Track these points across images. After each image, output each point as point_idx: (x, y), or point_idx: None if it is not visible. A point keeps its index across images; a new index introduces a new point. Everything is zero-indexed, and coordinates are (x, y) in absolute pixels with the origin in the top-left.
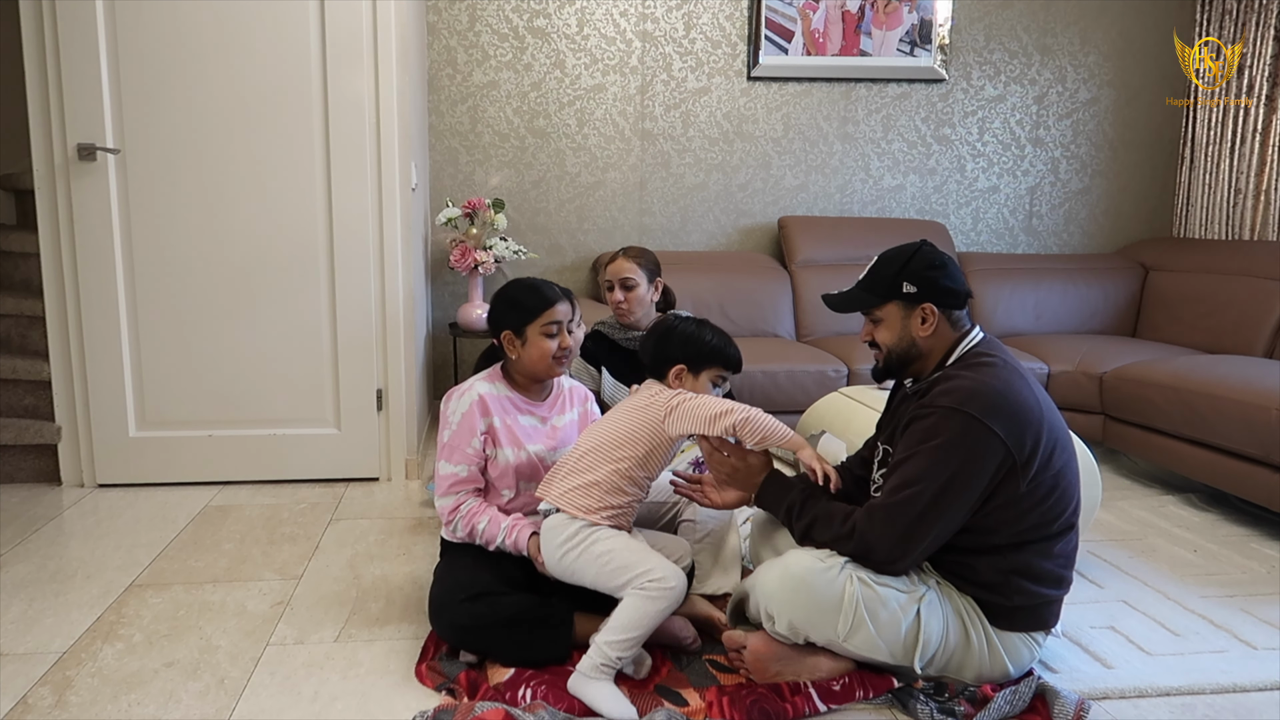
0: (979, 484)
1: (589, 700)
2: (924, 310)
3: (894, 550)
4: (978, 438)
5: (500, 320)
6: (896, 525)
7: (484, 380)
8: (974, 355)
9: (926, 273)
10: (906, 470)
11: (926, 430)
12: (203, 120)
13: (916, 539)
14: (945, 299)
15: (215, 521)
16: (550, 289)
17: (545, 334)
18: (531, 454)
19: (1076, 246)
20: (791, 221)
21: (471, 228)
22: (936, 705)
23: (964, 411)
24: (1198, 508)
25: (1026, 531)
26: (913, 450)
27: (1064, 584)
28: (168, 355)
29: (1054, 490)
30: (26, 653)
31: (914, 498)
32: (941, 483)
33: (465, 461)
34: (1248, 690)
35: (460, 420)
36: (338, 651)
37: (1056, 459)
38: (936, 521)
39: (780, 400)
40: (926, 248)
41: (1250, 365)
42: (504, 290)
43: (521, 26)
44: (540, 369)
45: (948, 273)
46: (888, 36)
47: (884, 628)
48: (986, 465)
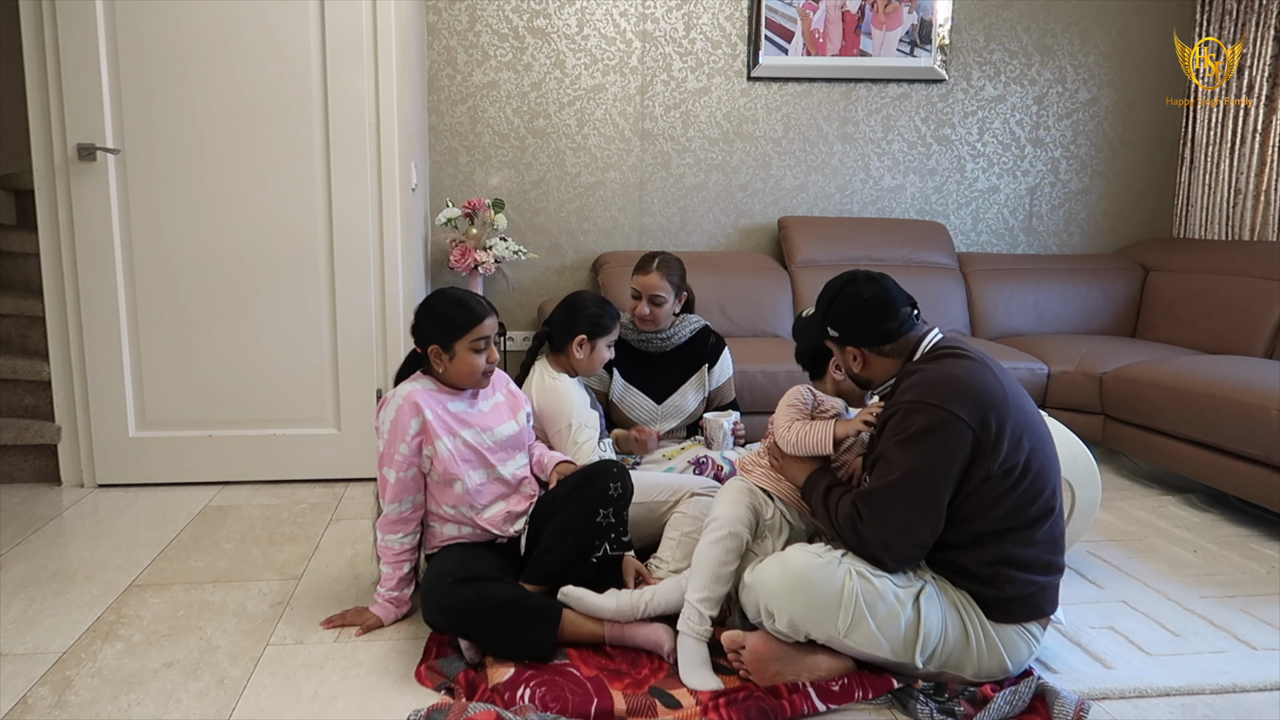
0: (948, 466)
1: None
2: (850, 351)
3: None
4: (944, 424)
5: (428, 334)
6: (880, 519)
7: (409, 383)
8: (936, 350)
9: (845, 319)
10: (881, 466)
11: (895, 427)
12: (203, 120)
13: (904, 530)
14: (868, 341)
15: (215, 521)
16: (478, 304)
17: (474, 349)
18: (466, 439)
19: (1076, 247)
20: (791, 222)
21: (471, 228)
22: (936, 705)
23: (926, 402)
24: (1198, 508)
25: (1005, 518)
26: (885, 445)
27: (1054, 569)
28: (168, 355)
29: (1027, 473)
30: (26, 653)
31: (889, 489)
32: (914, 472)
33: (398, 468)
34: (1248, 690)
35: (390, 427)
36: (338, 651)
37: (1026, 441)
38: (918, 508)
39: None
40: (849, 288)
41: (1250, 365)
42: (431, 304)
43: (521, 27)
44: (468, 383)
45: (870, 315)
46: (888, 37)
47: (884, 622)
48: (957, 451)
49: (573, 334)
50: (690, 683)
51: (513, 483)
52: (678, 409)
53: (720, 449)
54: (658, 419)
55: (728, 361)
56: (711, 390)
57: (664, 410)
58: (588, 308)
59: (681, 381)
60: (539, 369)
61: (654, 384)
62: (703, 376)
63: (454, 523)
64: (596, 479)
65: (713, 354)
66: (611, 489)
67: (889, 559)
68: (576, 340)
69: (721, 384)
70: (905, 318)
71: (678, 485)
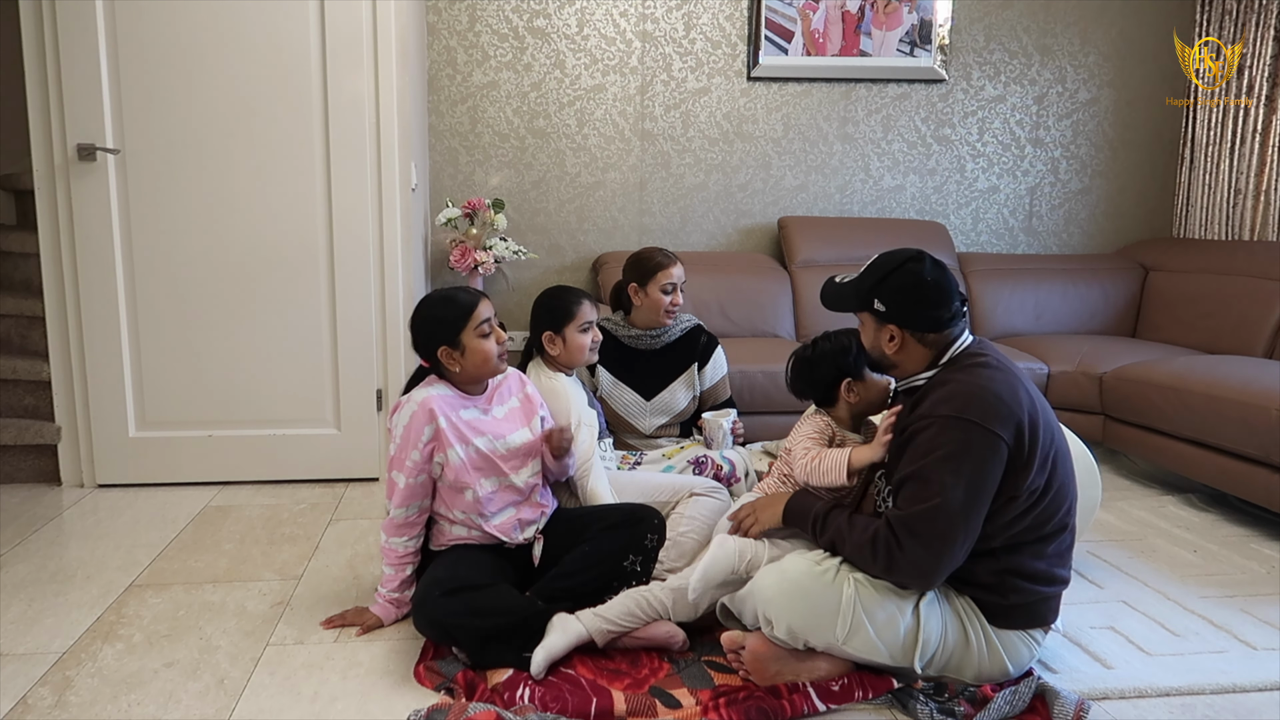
0: (992, 487)
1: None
2: (890, 330)
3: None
4: (984, 443)
5: (431, 339)
6: (923, 543)
7: (423, 387)
8: (966, 357)
9: (899, 295)
10: (918, 486)
11: (931, 441)
12: (203, 120)
13: (946, 554)
14: (915, 324)
15: (215, 522)
16: (465, 293)
17: (480, 335)
18: (479, 447)
19: (1076, 247)
20: (791, 222)
21: (471, 228)
22: (936, 705)
23: (965, 419)
24: (1198, 508)
25: (1021, 534)
26: (919, 463)
27: (1059, 581)
28: (168, 355)
29: (1049, 491)
30: (26, 653)
31: (934, 513)
32: (959, 494)
33: (408, 474)
34: (1248, 690)
35: (403, 432)
36: (338, 652)
37: (1052, 460)
38: (962, 532)
39: (780, 400)
40: (913, 265)
41: (1250, 365)
42: (421, 313)
43: (521, 27)
44: (485, 370)
45: (926, 298)
46: (887, 37)
47: (883, 628)
48: (995, 469)
49: (539, 333)
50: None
51: (524, 490)
52: (667, 405)
53: (720, 448)
54: (646, 414)
55: (721, 361)
56: (704, 390)
57: (652, 406)
58: (542, 304)
59: (671, 379)
60: (534, 371)
61: (643, 380)
62: (692, 375)
63: (463, 525)
64: (638, 525)
65: (703, 354)
66: (649, 540)
67: (926, 584)
68: (545, 338)
69: (715, 384)
70: (956, 311)
71: (678, 485)
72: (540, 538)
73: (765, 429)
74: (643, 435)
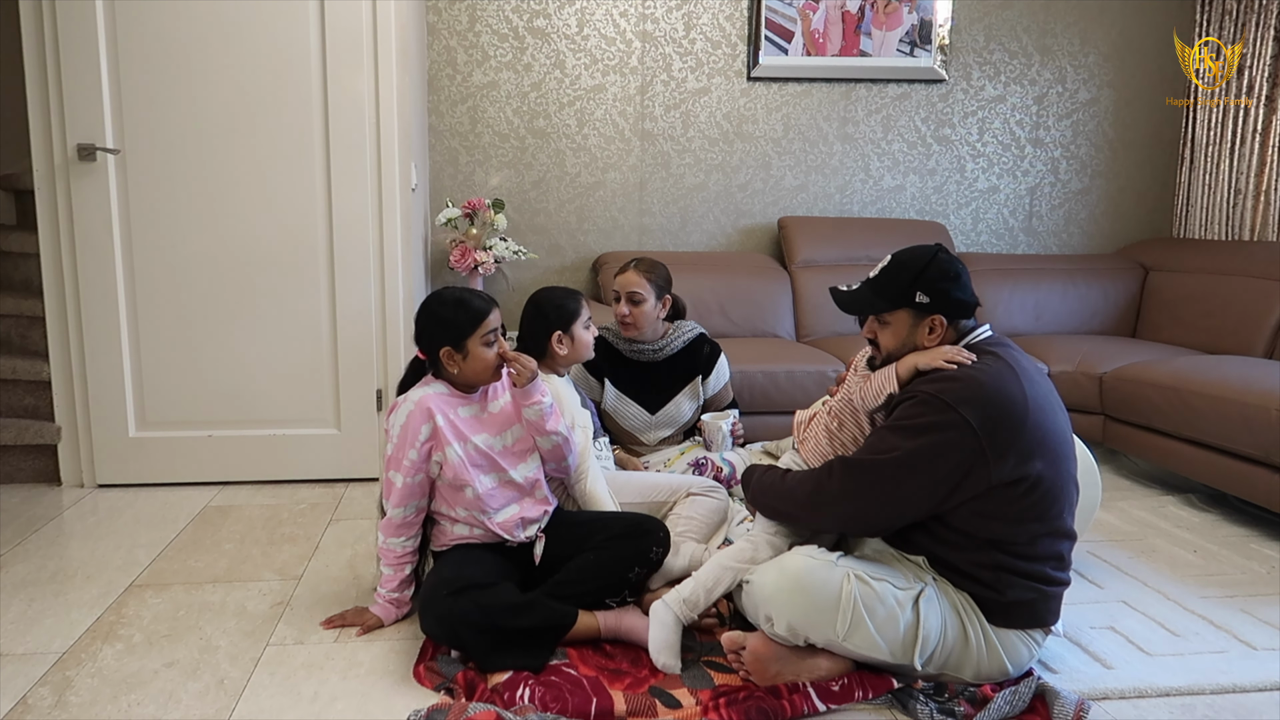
0: (943, 467)
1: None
2: (933, 321)
3: (845, 512)
4: (949, 422)
5: (436, 338)
6: (854, 483)
7: (419, 387)
8: (975, 349)
9: (941, 284)
10: (875, 440)
11: (904, 410)
12: (203, 120)
13: (869, 507)
14: (956, 311)
15: (215, 522)
16: (479, 299)
17: (485, 344)
18: (477, 444)
19: (1076, 247)
20: (791, 222)
21: (471, 228)
22: (936, 705)
23: (939, 398)
24: (1198, 508)
25: (1006, 531)
26: (888, 427)
27: (1057, 582)
28: (168, 355)
29: (1034, 489)
30: (26, 653)
31: (875, 465)
32: (905, 459)
33: (406, 473)
34: (1248, 690)
35: (400, 431)
36: (338, 652)
37: (1038, 458)
38: (894, 493)
39: (780, 400)
40: (942, 255)
41: (1250, 365)
42: (431, 309)
43: (521, 27)
44: (483, 378)
45: (960, 284)
46: (887, 37)
47: (883, 625)
48: (951, 451)
49: (548, 333)
50: (655, 659)
51: (525, 486)
52: (671, 419)
53: (719, 450)
54: (651, 428)
55: (724, 370)
56: (708, 398)
57: (657, 420)
58: (548, 303)
59: (675, 392)
60: None
61: (647, 394)
62: (696, 387)
63: (465, 524)
64: (644, 538)
65: (706, 364)
66: (654, 553)
67: (832, 524)
68: (554, 338)
69: (718, 391)
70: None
71: (677, 485)
72: (541, 536)
73: (765, 429)
74: (646, 445)
